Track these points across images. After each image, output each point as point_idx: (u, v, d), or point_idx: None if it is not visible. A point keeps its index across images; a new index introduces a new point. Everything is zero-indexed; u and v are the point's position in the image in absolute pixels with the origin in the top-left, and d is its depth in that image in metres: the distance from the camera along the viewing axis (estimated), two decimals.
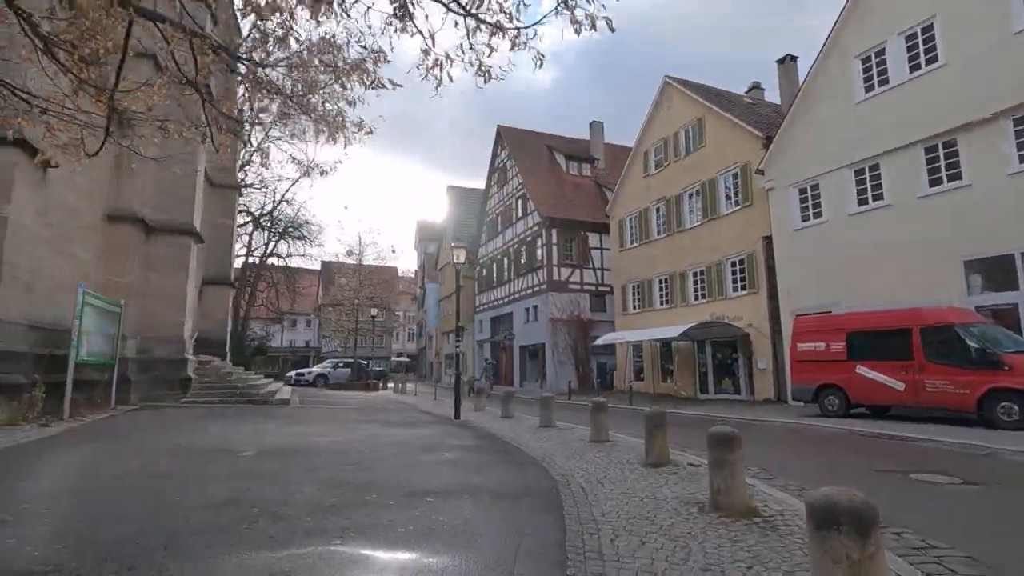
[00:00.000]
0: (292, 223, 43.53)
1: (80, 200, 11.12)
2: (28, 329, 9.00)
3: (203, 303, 21.18)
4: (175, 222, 13.88)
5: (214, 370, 15.14)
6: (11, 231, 8.38)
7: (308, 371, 32.78)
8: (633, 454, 7.23)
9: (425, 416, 12.77)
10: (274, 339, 60.52)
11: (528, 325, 29.91)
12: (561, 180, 31.94)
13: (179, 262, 13.80)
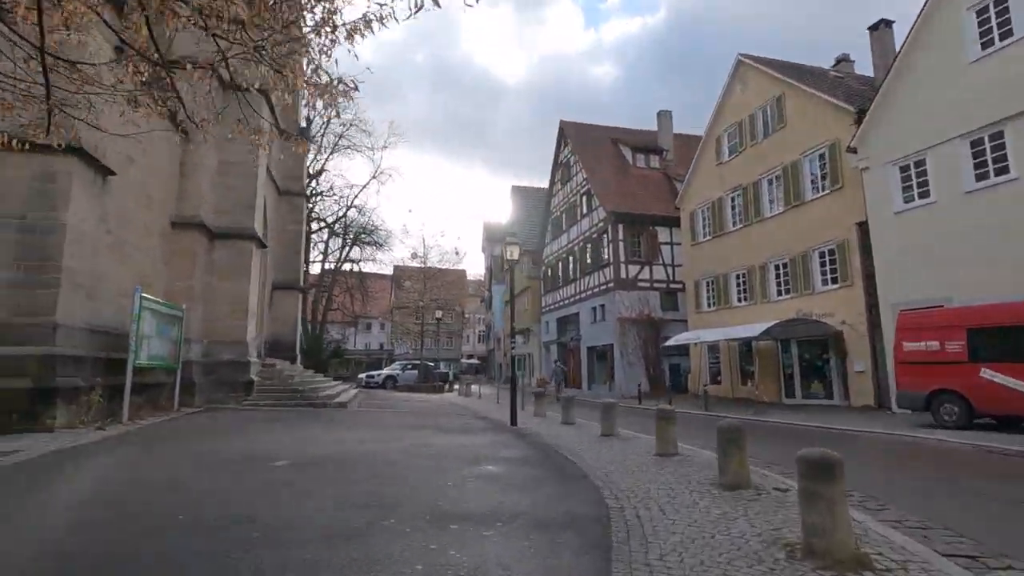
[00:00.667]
0: (364, 229, 44.90)
1: (143, 206, 11.44)
2: (89, 333, 9.22)
3: (274, 308, 21.82)
4: (237, 227, 14.14)
5: (277, 373, 15.33)
6: (70, 238, 8.58)
7: (378, 373, 33.34)
8: (705, 472, 6.19)
9: (480, 422, 12.16)
10: (350, 342, 62.77)
11: (595, 325, 28.78)
12: (627, 173, 30.55)
13: (241, 266, 14.03)
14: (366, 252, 45.46)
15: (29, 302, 8.24)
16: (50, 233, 8.45)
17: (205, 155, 13.62)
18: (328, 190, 41.33)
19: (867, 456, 8.28)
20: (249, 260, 14.16)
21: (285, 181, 22.81)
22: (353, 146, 41.48)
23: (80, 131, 8.74)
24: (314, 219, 42.59)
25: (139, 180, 11.21)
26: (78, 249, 8.83)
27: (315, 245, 44.88)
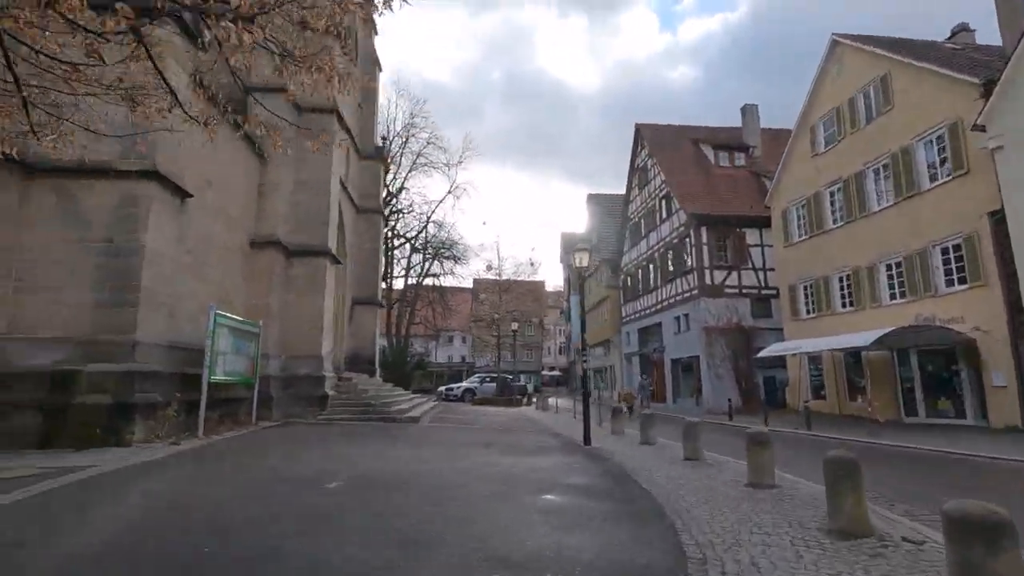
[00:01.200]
0: (443, 244, 45.77)
1: (222, 226, 11.90)
2: (169, 350, 9.57)
3: (354, 323, 22.37)
4: (312, 245, 14.47)
5: (352, 387, 15.48)
6: (148, 259, 8.95)
7: (457, 386, 33.46)
8: (810, 511, 5.14)
9: (552, 440, 11.44)
10: (432, 355, 64.15)
11: (679, 336, 27.12)
12: (710, 173, 28.76)
13: (316, 283, 14.32)
14: (446, 266, 46.43)
15: (113, 321, 8.63)
16: (131, 255, 8.85)
17: (281, 176, 14.08)
18: (408, 207, 42.45)
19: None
20: (324, 276, 14.43)
21: (362, 200, 23.47)
22: (430, 163, 42.49)
23: (158, 157, 9.15)
24: (397, 236, 44.08)
25: (218, 201, 11.68)
26: (157, 270, 9.20)
27: (398, 261, 46.37)
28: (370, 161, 24.19)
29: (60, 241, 8.75)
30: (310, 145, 14.98)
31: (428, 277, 47.69)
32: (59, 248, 8.72)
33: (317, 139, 14.58)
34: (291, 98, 13.52)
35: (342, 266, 20.60)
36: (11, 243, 8.54)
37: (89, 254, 8.77)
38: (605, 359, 41.12)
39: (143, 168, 9.00)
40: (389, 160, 41.29)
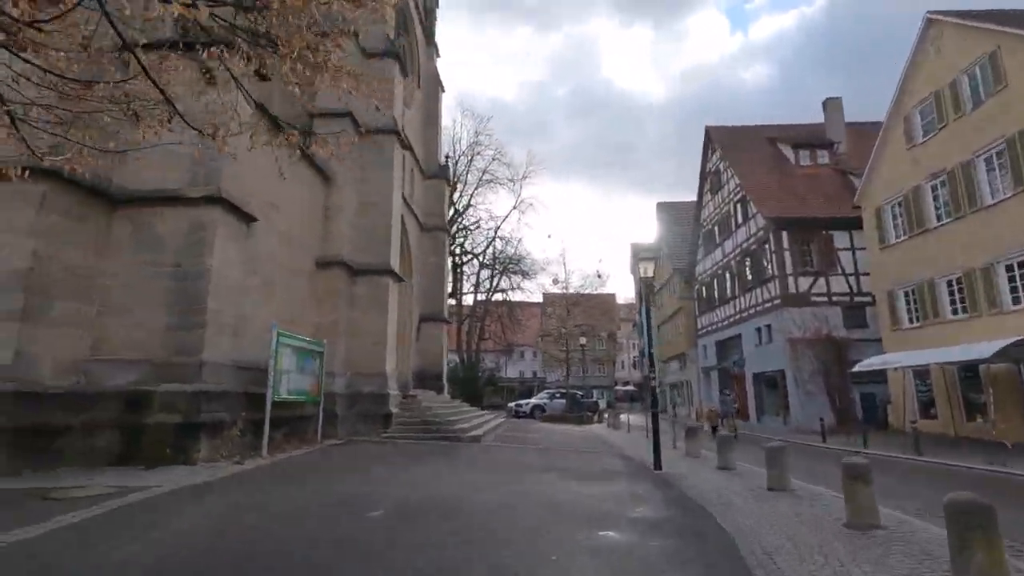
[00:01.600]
0: (511, 260, 45.85)
1: (288, 248, 12.24)
2: (236, 370, 9.82)
3: (421, 340, 22.56)
4: (375, 264, 14.64)
5: (416, 405, 15.43)
6: (214, 282, 9.24)
7: (526, 402, 32.97)
8: (929, 566, 4.21)
9: (620, 462, 10.69)
10: (503, 370, 64.17)
11: (761, 348, 25.26)
12: (789, 173, 26.85)
13: (380, 301, 14.44)
14: (514, 281, 46.44)
15: (182, 342, 8.95)
16: (198, 278, 9.17)
17: (345, 197, 14.39)
18: (475, 224, 42.88)
19: None
20: (386, 294, 14.53)
21: (427, 218, 23.77)
22: (496, 180, 42.83)
23: (222, 183, 9.48)
24: (465, 253, 44.67)
25: (284, 224, 12.02)
26: (223, 291, 9.48)
27: (468, 278, 46.99)
28: (434, 180, 24.52)
29: (136, 267, 9.21)
30: (371, 165, 15.35)
31: (497, 292, 47.94)
32: (135, 274, 9.18)
33: (378, 160, 14.76)
34: (354, 122, 13.85)
35: (408, 284, 20.86)
36: (96, 270, 9.07)
37: (161, 279, 9.17)
38: (680, 374, 39.24)
39: (208, 194, 9.35)
40: (455, 179, 42.15)
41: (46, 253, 8.22)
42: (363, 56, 15.82)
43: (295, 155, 12.65)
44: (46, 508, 5.61)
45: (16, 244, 7.98)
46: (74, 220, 8.74)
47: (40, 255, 8.12)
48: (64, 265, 8.55)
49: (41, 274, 8.15)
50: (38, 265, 8.09)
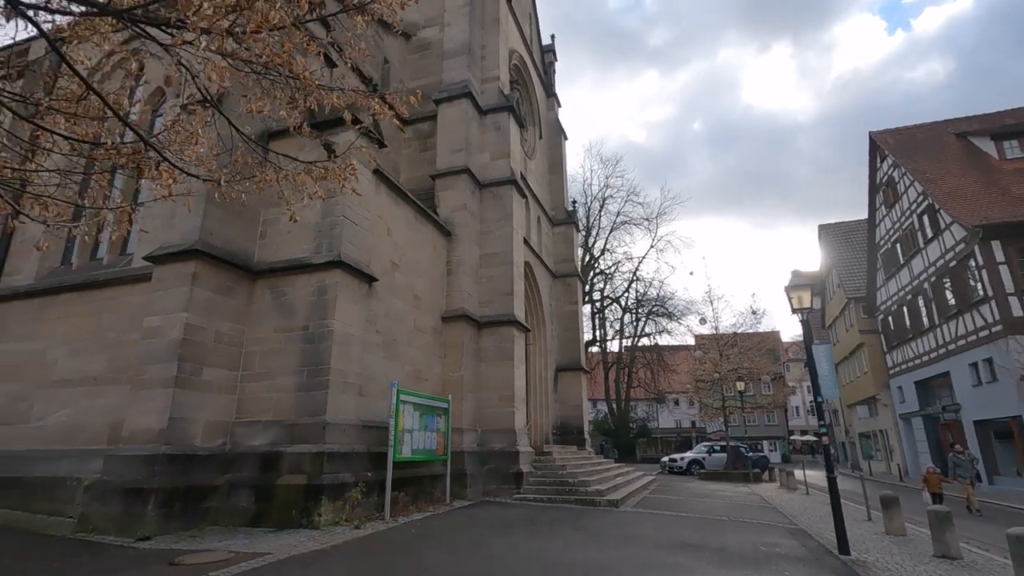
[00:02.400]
0: (655, 302, 43.60)
1: (410, 305, 12.42)
2: (361, 429, 9.87)
3: (559, 391, 21.74)
4: (499, 315, 14.37)
5: (548, 462, 14.46)
6: (337, 342, 9.50)
7: (681, 456, 29.95)
8: None
9: (790, 542, 8.59)
10: (657, 420, 60.18)
11: (982, 389, 20.15)
12: (991, 171, 21.93)
13: (506, 352, 14.03)
14: (660, 324, 43.86)
15: (309, 403, 9.22)
16: (322, 340, 9.49)
17: (466, 251, 14.48)
18: (612, 267, 41.76)
19: None
20: (512, 345, 14.09)
21: (558, 265, 23.39)
22: (631, 221, 41.57)
23: (343, 248, 9.87)
24: (605, 298, 43.44)
25: (405, 281, 12.28)
26: (345, 351, 9.70)
27: (611, 324, 45.49)
28: (563, 227, 24.22)
29: (273, 332, 9.84)
30: (490, 217, 15.37)
31: (643, 337, 45.59)
32: (271, 339, 9.80)
33: (497, 211, 14.67)
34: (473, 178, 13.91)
35: (540, 333, 20.37)
36: (241, 338, 9.86)
37: (293, 342, 9.66)
38: (871, 422, 33.12)
39: (329, 259, 9.77)
40: (589, 224, 41.68)
41: (197, 324, 9.08)
42: (479, 113, 16.25)
43: (415, 214, 13.12)
44: (163, 574, 5.73)
45: (172, 318, 8.92)
46: (222, 293, 9.63)
47: (192, 326, 8.97)
48: (213, 334, 9.37)
49: (193, 344, 8.97)
50: (190, 335, 8.93)
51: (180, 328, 8.83)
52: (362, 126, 10.89)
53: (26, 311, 11.37)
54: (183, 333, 8.82)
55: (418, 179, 15.79)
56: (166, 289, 9.14)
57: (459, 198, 14.73)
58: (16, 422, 10.63)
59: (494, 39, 17.49)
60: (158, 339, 8.90)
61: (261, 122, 11.05)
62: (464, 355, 13.57)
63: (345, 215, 10.14)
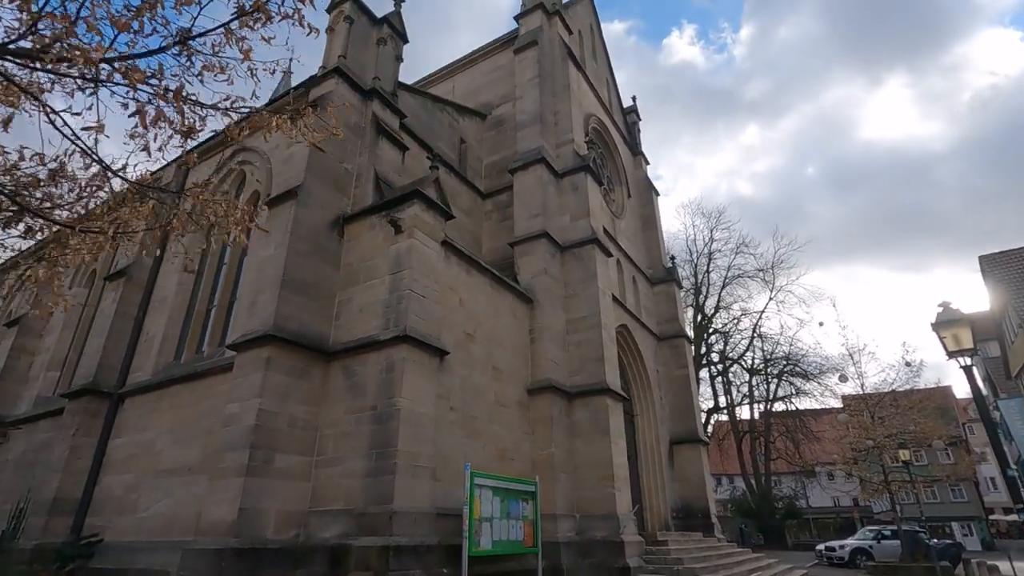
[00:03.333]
0: (788, 360, 39.08)
1: (489, 378, 11.71)
2: (435, 518, 9.02)
3: (675, 467, 19.43)
4: (590, 384, 13.18)
5: (664, 554, 12.40)
6: (404, 421, 8.95)
7: (841, 544, 25.01)
8: None
9: None
10: (809, 497, 52.25)
11: None
12: None
13: (601, 425, 12.67)
14: (796, 384, 38.96)
15: (376, 490, 8.62)
16: (389, 420, 9.00)
17: (550, 318, 13.69)
18: (727, 325, 38.44)
19: None
20: (607, 417, 12.73)
21: (661, 326, 21.71)
22: (744, 274, 38.44)
23: (408, 321, 9.57)
24: (726, 359, 39.67)
25: (482, 353, 11.67)
26: (414, 431, 9.10)
27: (737, 387, 41.20)
28: (663, 285, 22.68)
29: (344, 414, 9.58)
30: (574, 280, 14.58)
31: (776, 401, 40.62)
32: (343, 421, 9.53)
33: (581, 273, 13.87)
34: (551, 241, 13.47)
35: (645, 402, 18.62)
36: (315, 421, 9.70)
37: (363, 423, 9.29)
38: None
39: (396, 334, 9.47)
40: (697, 281, 39.10)
41: (271, 409, 9.04)
42: (554, 176, 15.97)
43: (490, 283, 12.70)
44: None
45: (247, 405, 8.97)
46: (296, 376, 9.63)
47: (265, 411, 8.94)
48: (287, 419, 9.28)
49: (266, 429, 8.90)
50: (263, 421, 8.88)
51: (253, 414, 8.82)
52: (425, 199, 10.96)
53: (143, 405, 12.27)
54: (256, 419, 8.78)
55: (500, 249, 15.58)
56: (244, 376, 9.30)
57: (538, 263, 14.17)
58: (127, 512, 11.17)
59: (566, 104, 17.48)
60: (235, 426, 8.95)
61: (337, 208, 11.50)
62: (554, 430, 12.42)
63: (411, 288, 9.91)
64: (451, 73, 20.77)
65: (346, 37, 13.17)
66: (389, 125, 12.76)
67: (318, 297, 10.49)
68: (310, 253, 10.55)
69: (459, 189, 15.96)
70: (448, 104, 16.89)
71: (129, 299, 13.60)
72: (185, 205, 5.54)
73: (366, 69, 13.25)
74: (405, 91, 14.90)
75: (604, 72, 25.22)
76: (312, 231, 10.76)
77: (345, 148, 12.10)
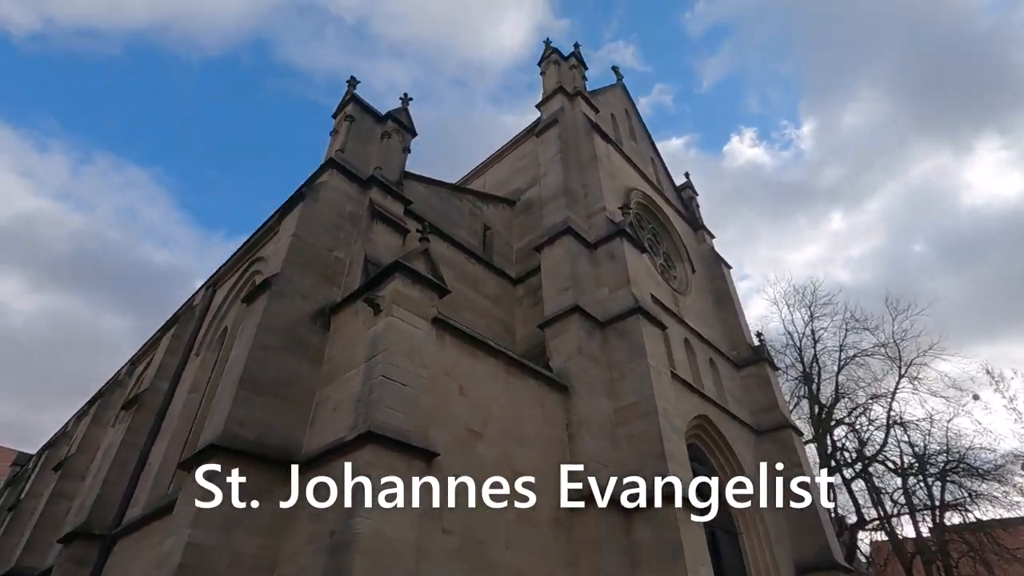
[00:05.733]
0: (948, 453, 31.24)
1: (504, 487, 9.06)
2: None
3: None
4: (650, 490, 10.07)
5: None
6: (363, 552, 6.55)
7: None
8: None
9: None
10: None
11: None
12: None
13: (669, 547, 9.34)
14: (967, 486, 30.65)
15: None
16: (345, 551, 6.67)
17: (590, 406, 11.07)
18: (856, 414, 32.03)
19: None
20: (678, 536, 9.40)
21: (757, 416, 17.82)
22: (861, 353, 32.56)
23: (376, 416, 7.62)
24: (862, 459, 32.45)
25: (493, 454, 9.22)
26: (380, 566, 6.68)
27: (889, 495, 33.13)
28: (751, 368, 19.04)
29: (304, 545, 7.36)
30: (620, 360, 12.03)
31: (948, 509, 31.93)
32: (302, 554, 7.26)
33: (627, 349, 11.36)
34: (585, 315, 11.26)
35: (750, 517, 14.58)
36: (274, 557, 7.59)
37: (319, 556, 7.03)
38: None
39: (360, 432, 7.48)
40: (806, 369, 33.50)
41: (206, 543, 7.11)
42: (587, 247, 14.13)
43: (503, 368, 10.53)
44: None
45: (177, 540, 7.11)
46: (250, 497, 7.73)
47: (197, 546, 7.02)
48: (231, 556, 7.26)
49: (198, 571, 6.91)
50: (194, 559, 6.93)
51: (180, 552, 6.92)
52: (410, 272, 9.46)
53: (129, 546, 10.76)
54: (181, 558, 6.85)
55: (533, 335, 13.54)
56: (184, 502, 7.59)
57: (571, 342, 11.87)
58: None
59: (594, 175, 16.08)
60: (162, 569, 7.06)
61: (323, 298, 10.28)
62: (604, 556, 9.25)
63: (385, 374, 8.05)
64: (482, 169, 20.47)
65: (346, 134, 13.01)
66: (388, 210, 11.85)
67: (290, 397, 8.88)
68: (283, 348, 9.16)
69: (484, 276, 14.49)
70: (468, 192, 16.11)
71: (138, 427, 12.79)
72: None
73: (369, 161, 12.81)
74: (416, 181, 14.27)
75: (647, 151, 24.06)
76: (289, 323, 9.47)
77: (337, 236, 11.21)
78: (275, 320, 9.31)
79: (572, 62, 20.19)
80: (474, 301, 13.63)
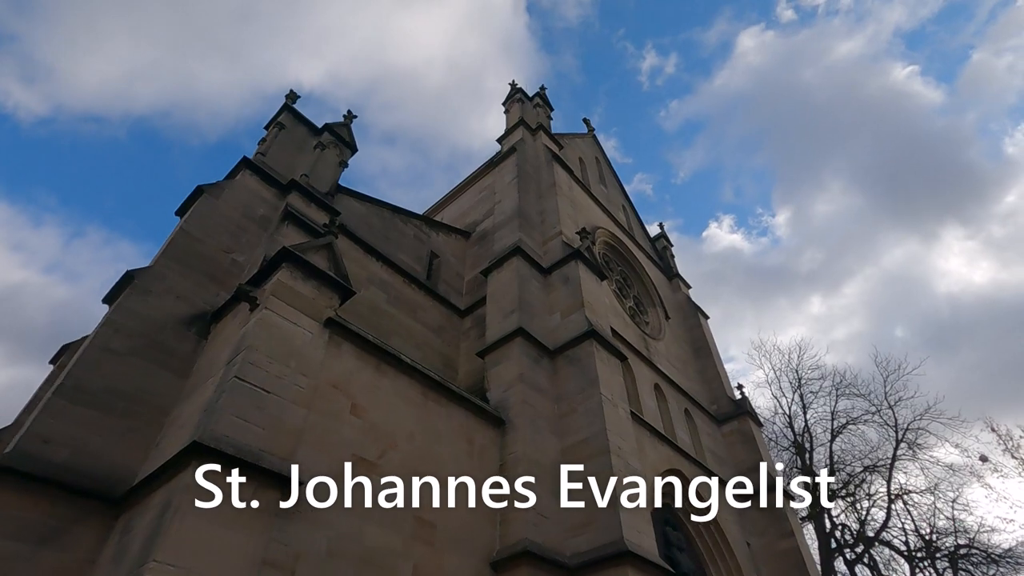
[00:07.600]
0: (958, 535, 28.25)
1: (406, 534, 6.88)
2: None
3: None
4: (601, 547, 7.88)
5: None
6: None
7: None
8: None
9: None
10: None
11: None
12: None
13: None
14: (985, 572, 27.51)
15: None
16: None
17: (530, 445, 9.04)
18: (847, 487, 29.41)
19: None
20: None
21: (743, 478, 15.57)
22: (853, 420, 30.37)
23: (216, 424, 5.72)
24: (865, 539, 29.34)
25: (396, 493, 7.12)
26: None
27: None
28: (733, 423, 17.06)
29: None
30: (569, 392, 10.17)
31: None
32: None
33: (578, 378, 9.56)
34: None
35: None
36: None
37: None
38: None
39: (182, 446, 5.51)
40: (797, 440, 31.09)
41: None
42: (539, 272, 12.61)
43: (420, 391, 8.63)
44: None
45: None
46: (35, 544, 5.61)
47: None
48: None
49: None
50: None
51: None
52: (302, 264, 7.84)
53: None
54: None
55: (477, 370, 11.67)
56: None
57: (512, 369, 10.01)
58: None
59: (552, 202, 14.87)
60: None
61: (205, 302, 8.53)
62: None
63: (240, 376, 6.18)
64: (443, 204, 19.37)
65: (272, 140, 11.85)
66: (307, 216, 10.36)
67: (132, 414, 6.90)
68: (133, 354, 7.28)
69: (425, 303, 12.81)
70: (415, 217, 14.73)
71: None
72: None
73: (295, 169, 11.54)
74: (354, 198, 12.94)
75: (619, 199, 23.22)
76: (151, 326, 7.65)
77: (240, 239, 9.64)
78: (132, 320, 7.50)
79: (536, 101, 19.72)
80: (410, 328, 11.87)
